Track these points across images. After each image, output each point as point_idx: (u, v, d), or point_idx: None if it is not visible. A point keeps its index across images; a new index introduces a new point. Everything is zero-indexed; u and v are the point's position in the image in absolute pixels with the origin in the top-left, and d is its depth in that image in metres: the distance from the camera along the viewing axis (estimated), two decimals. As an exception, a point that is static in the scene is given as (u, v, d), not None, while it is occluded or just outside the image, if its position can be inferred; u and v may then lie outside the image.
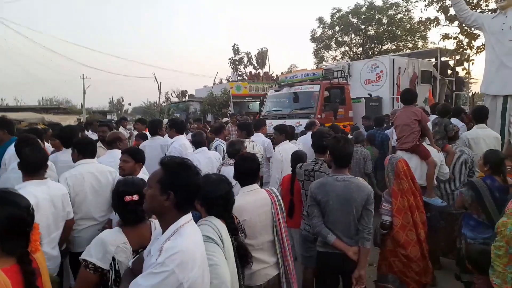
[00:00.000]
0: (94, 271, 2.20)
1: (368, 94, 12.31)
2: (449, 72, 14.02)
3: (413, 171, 4.30)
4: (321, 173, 3.84)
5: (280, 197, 3.28)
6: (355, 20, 32.38)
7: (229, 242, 2.39)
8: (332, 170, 3.38)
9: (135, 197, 2.38)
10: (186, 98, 31.64)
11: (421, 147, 5.21)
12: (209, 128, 10.27)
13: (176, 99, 35.91)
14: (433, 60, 13.96)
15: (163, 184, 1.84)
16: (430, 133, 5.44)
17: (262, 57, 33.05)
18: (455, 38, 16.58)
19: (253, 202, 3.08)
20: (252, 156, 3.30)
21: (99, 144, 5.57)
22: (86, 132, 9.35)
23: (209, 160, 5.35)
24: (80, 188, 3.73)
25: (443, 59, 14.00)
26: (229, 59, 34.52)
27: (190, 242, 1.81)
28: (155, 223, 2.45)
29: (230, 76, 33.38)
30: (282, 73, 24.96)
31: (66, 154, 4.53)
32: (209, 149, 5.87)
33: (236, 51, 34.03)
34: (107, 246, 2.23)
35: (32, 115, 19.92)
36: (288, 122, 10.32)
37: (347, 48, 34.12)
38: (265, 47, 32.99)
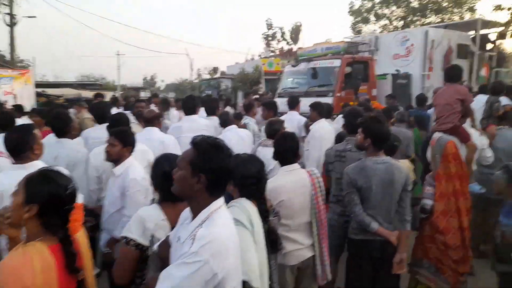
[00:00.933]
0: (135, 247, 2.19)
1: (396, 70, 11.13)
2: (490, 46, 12.47)
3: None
4: (354, 153, 3.66)
5: (321, 178, 3.18)
6: (397, -10, 30.27)
7: (260, 226, 2.31)
8: (369, 153, 3.17)
9: None
10: (218, 75, 31.02)
11: (461, 129, 4.81)
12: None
13: (207, 76, 35.31)
14: (472, 32, 12.42)
15: (194, 166, 1.73)
16: (472, 115, 5.14)
17: (296, 32, 31.65)
18: (509, 9, 14.75)
19: (293, 182, 3.04)
20: (292, 134, 3.24)
21: (134, 120, 5.63)
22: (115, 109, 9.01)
23: (240, 138, 5.16)
24: (103, 168, 3.67)
25: (483, 31, 12.47)
26: (262, 34, 33.39)
27: (224, 229, 1.72)
28: None
29: (263, 52, 32.32)
30: (292, 44, 23.59)
31: (98, 130, 4.50)
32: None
33: (269, 26, 32.82)
34: (146, 222, 2.22)
35: (70, 91, 20.79)
36: (304, 100, 9.60)
37: (387, 22, 32.06)
38: (299, 22, 31.48)
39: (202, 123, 5.34)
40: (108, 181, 3.41)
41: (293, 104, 6.88)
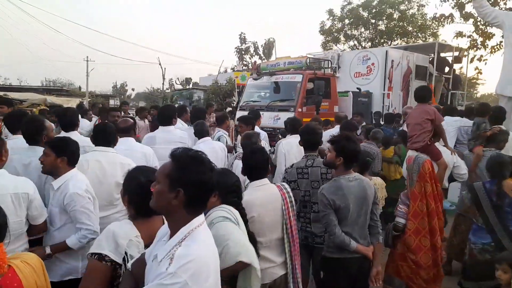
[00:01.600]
0: (110, 263, 1.98)
1: (357, 88, 11.29)
2: (447, 69, 12.87)
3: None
4: (315, 168, 3.70)
5: (291, 193, 3.10)
6: (365, 14, 31.18)
7: (244, 228, 2.37)
8: (340, 171, 3.14)
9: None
10: (190, 86, 30.78)
11: (431, 147, 5.00)
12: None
13: (180, 86, 35.03)
14: (431, 55, 12.79)
15: (172, 180, 1.62)
16: (444, 134, 5.29)
17: (269, 47, 31.78)
18: (469, 36, 15.49)
19: (263, 197, 2.95)
20: (262, 148, 3.18)
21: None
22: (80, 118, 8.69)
23: (212, 150, 4.92)
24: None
25: (441, 55, 12.88)
26: (235, 48, 33.32)
27: (204, 248, 1.62)
28: None
29: (236, 66, 32.32)
30: (264, 59, 23.68)
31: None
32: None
33: (242, 40, 32.82)
34: (118, 238, 2.02)
35: (35, 96, 20.07)
36: (266, 115, 9.55)
37: (356, 42, 32.85)
38: (272, 38, 31.63)
39: (178, 135, 5.10)
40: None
41: (255, 118, 6.68)
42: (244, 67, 32.12)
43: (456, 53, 12.98)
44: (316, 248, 3.64)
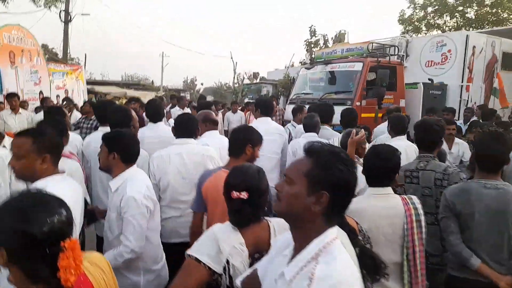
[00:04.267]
0: (208, 268, 1.74)
1: (429, 79, 9.44)
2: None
3: None
4: (428, 172, 3.14)
5: (421, 210, 2.45)
6: (452, 0, 27.70)
7: (352, 251, 1.52)
8: (477, 174, 2.67)
9: (243, 195, 1.85)
10: (258, 80, 29.99)
11: None
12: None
13: (247, 81, 34.30)
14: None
15: (313, 180, 1.30)
16: None
17: (339, 39, 29.74)
18: None
19: (379, 208, 2.42)
20: (392, 150, 2.54)
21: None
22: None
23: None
24: (163, 171, 3.24)
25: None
26: (304, 41, 31.70)
27: (348, 268, 1.25)
28: (273, 223, 1.94)
29: (304, 59, 30.87)
30: (320, 47, 21.83)
31: (153, 129, 4.12)
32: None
33: (312, 32, 31.06)
34: (221, 243, 1.77)
35: (116, 90, 21.56)
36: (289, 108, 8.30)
37: (439, 32, 29.51)
38: (344, 30, 29.60)
39: (273, 125, 4.76)
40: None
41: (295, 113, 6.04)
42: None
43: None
44: (431, 270, 2.93)
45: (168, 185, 3.23)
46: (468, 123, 7.17)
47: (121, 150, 2.57)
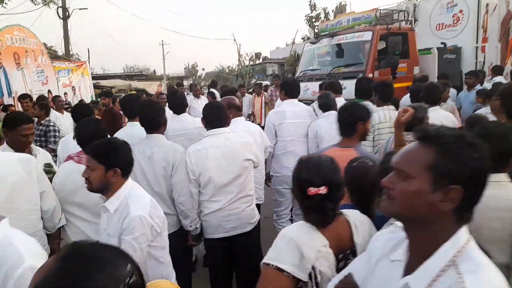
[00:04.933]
0: (292, 277, 1.58)
1: (441, 43, 9.03)
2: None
3: None
4: None
5: None
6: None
7: None
8: None
9: (323, 190, 1.65)
10: (260, 61, 29.47)
11: None
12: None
13: (248, 62, 33.72)
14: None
15: (440, 173, 1.07)
16: None
17: (340, 11, 28.95)
18: None
19: (486, 197, 1.73)
20: (506, 128, 2.16)
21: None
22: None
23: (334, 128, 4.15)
24: (203, 167, 3.05)
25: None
26: (305, 16, 30.90)
27: (496, 274, 1.07)
28: (352, 218, 1.77)
29: (307, 35, 30.15)
30: (321, 21, 21.15)
31: (175, 121, 3.98)
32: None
33: (312, 7, 30.23)
34: (304, 249, 1.58)
35: (121, 82, 21.75)
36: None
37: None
38: (344, 1, 28.72)
39: (304, 107, 4.65)
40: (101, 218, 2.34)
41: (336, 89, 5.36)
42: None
43: None
44: None
45: (210, 180, 3.09)
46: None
47: (122, 163, 2.21)
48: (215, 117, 3.15)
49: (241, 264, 3.34)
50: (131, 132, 3.49)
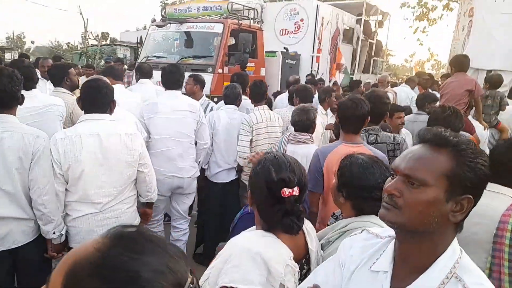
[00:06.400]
0: None
1: (284, 48, 8.93)
2: (370, 33, 11.27)
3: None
4: (381, 145, 2.95)
5: None
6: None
7: None
8: None
9: (296, 191, 1.42)
10: (107, 42, 25.59)
11: (465, 120, 4.31)
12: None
13: (94, 42, 28.84)
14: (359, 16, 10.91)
15: (456, 182, 0.99)
16: (480, 107, 4.96)
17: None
18: (414, 7, 15.98)
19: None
20: None
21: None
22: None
23: (232, 123, 4.03)
24: (73, 158, 2.47)
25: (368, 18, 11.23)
26: (160, 1, 28.18)
27: (491, 285, 1.06)
28: (306, 226, 1.54)
29: (161, 19, 27.68)
30: (171, 3, 20.38)
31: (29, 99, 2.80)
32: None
33: (166, -9, 28.04)
34: (271, 264, 1.30)
35: None
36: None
37: None
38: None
39: (186, 102, 3.84)
40: None
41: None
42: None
43: (380, 17, 11.39)
44: None
45: (81, 175, 2.55)
46: None
47: None
48: (95, 100, 2.60)
49: None
50: None
